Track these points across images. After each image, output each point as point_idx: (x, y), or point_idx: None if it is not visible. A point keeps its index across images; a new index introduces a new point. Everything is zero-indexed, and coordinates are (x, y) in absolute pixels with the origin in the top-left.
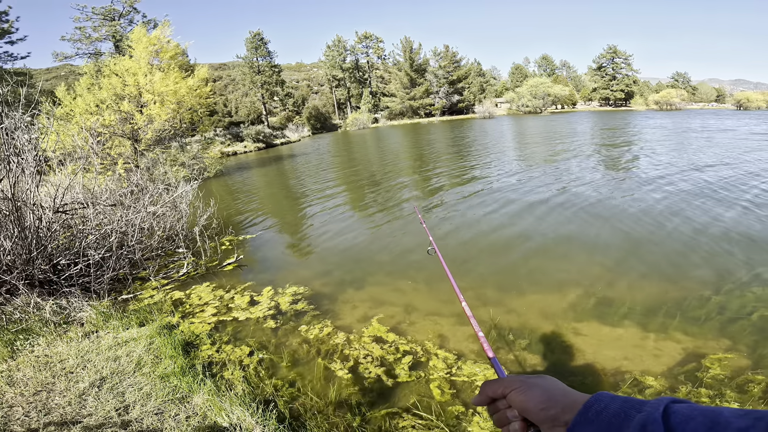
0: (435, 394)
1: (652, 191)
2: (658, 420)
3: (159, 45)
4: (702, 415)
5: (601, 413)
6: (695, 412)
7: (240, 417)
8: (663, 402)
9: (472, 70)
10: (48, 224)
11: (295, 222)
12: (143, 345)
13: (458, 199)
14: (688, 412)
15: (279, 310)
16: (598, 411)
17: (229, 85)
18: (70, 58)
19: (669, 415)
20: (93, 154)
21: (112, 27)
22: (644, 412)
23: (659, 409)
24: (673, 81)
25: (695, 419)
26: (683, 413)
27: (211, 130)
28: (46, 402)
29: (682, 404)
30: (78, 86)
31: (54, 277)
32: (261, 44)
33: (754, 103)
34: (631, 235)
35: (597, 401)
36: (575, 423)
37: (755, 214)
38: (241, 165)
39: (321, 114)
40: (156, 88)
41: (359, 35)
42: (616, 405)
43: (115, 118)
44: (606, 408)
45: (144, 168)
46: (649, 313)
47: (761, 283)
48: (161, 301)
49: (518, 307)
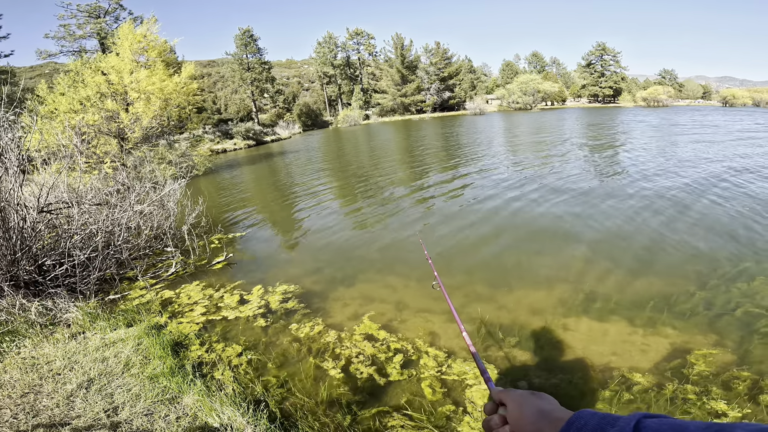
0: (426, 393)
1: (638, 187)
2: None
3: (145, 42)
4: (670, 428)
5: (581, 429)
6: (664, 426)
7: (231, 417)
8: (635, 417)
9: (463, 66)
10: (32, 224)
11: (286, 219)
12: (131, 346)
13: (448, 196)
14: (657, 426)
15: (269, 309)
16: (578, 428)
17: (218, 82)
18: (54, 56)
19: (640, 429)
20: (78, 153)
21: (97, 24)
22: (617, 427)
23: (630, 424)
24: (660, 78)
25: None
26: (652, 427)
27: (199, 128)
28: (33, 404)
29: (653, 419)
30: (59, 84)
31: (39, 278)
32: (251, 41)
33: (740, 100)
34: (617, 230)
35: (578, 418)
36: None
37: (738, 209)
38: (231, 162)
39: (312, 111)
40: (142, 86)
41: (350, 32)
42: (594, 421)
43: (100, 116)
44: (585, 425)
45: (131, 166)
46: (637, 308)
47: (746, 278)
48: (149, 301)
49: (508, 304)
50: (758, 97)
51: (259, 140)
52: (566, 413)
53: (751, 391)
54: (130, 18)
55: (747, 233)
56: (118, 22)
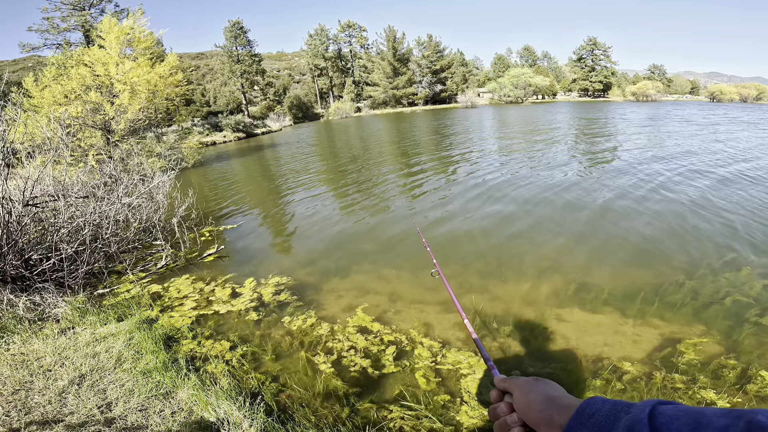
0: (421, 383)
1: (625, 178)
2: (643, 421)
3: (132, 35)
4: (686, 415)
5: (593, 416)
6: (680, 412)
7: (227, 411)
8: (650, 404)
9: (455, 59)
10: (18, 218)
11: (278, 211)
12: (122, 340)
13: (441, 186)
14: (673, 412)
15: (262, 302)
16: (590, 414)
17: (207, 74)
18: (37, 49)
19: (655, 416)
20: (62, 146)
21: (81, 17)
22: (631, 414)
23: (645, 411)
24: (649, 73)
25: (679, 419)
26: (668, 414)
27: (188, 120)
28: (25, 401)
29: (668, 405)
30: (43, 77)
31: (26, 272)
32: (240, 33)
33: (727, 95)
34: (606, 221)
35: (589, 405)
36: (570, 426)
37: (725, 199)
38: (221, 155)
39: (303, 103)
40: (128, 77)
41: (342, 24)
42: (606, 408)
43: (85, 108)
44: (597, 411)
45: (117, 159)
46: (628, 299)
47: (733, 267)
48: (139, 295)
49: (502, 294)
50: (745, 93)
51: (250, 133)
52: (575, 400)
53: (740, 380)
54: (115, 10)
55: (732, 224)
56: (103, 14)
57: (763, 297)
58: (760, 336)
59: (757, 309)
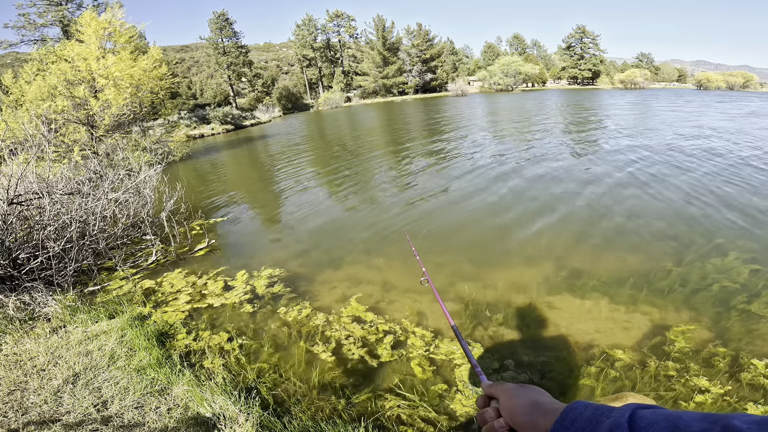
0: (416, 372)
1: (613, 165)
2: (623, 425)
3: (111, 28)
4: (665, 419)
5: (575, 420)
6: (659, 417)
7: (223, 406)
8: (630, 408)
9: (445, 48)
10: (3, 217)
11: (268, 203)
12: (115, 338)
13: (432, 174)
14: (652, 417)
15: (255, 294)
16: (573, 419)
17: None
18: (15, 46)
19: (634, 420)
20: (45, 142)
21: (58, 12)
22: (612, 418)
23: (625, 415)
24: (637, 61)
25: (658, 423)
26: (647, 418)
27: (174, 113)
28: (21, 401)
29: (647, 410)
30: (24, 73)
31: (14, 272)
32: (226, 25)
33: (714, 83)
34: (595, 208)
35: (572, 409)
36: (554, 429)
37: (712, 184)
38: (209, 147)
39: (292, 94)
40: (110, 72)
41: (330, 14)
42: (588, 412)
43: (68, 104)
44: (580, 416)
45: (102, 154)
46: (618, 285)
47: (720, 253)
48: (131, 291)
49: (493, 282)
50: (732, 81)
51: (238, 124)
52: (559, 404)
53: (731, 368)
54: (94, 4)
55: (718, 209)
56: (81, 8)
57: (750, 283)
58: (748, 323)
59: (745, 295)
